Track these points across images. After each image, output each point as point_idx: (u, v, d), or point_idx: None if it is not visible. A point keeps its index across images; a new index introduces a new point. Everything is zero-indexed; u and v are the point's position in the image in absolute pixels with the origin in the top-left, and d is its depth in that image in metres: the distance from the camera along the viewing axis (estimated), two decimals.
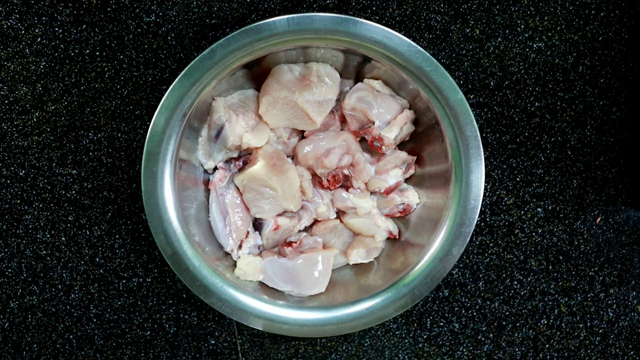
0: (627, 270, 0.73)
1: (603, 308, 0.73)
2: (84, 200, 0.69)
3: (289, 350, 0.72)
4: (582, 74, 0.70)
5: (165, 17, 0.66)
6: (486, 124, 0.70)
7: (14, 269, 0.69)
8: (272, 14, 0.67)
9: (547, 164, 0.71)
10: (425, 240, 0.63)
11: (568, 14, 0.69)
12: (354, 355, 0.72)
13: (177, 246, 0.60)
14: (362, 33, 0.58)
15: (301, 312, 0.63)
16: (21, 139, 0.67)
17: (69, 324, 0.71)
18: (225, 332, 0.71)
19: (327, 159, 0.64)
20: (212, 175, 0.66)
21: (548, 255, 0.72)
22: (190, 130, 0.62)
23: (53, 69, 0.67)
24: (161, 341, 0.71)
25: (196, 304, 0.71)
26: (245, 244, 0.66)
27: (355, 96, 0.64)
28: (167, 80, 0.67)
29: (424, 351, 0.73)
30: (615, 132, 0.71)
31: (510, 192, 0.71)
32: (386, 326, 0.72)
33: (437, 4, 0.67)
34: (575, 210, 0.71)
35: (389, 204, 0.67)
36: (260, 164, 0.63)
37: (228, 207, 0.65)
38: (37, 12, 0.66)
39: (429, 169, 0.66)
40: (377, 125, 0.64)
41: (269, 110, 0.63)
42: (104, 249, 0.69)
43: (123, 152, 0.68)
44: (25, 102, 0.67)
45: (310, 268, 0.65)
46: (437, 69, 0.59)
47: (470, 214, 0.61)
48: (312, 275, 0.65)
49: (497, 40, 0.68)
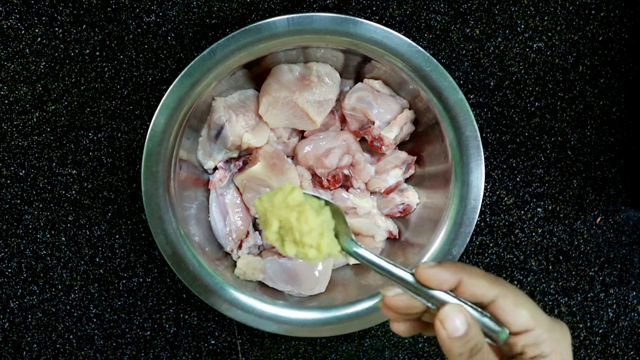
0: (627, 270, 0.73)
1: (603, 308, 0.73)
2: (84, 200, 0.69)
3: (289, 350, 0.72)
4: (582, 74, 0.70)
5: (165, 17, 0.66)
6: (486, 124, 0.70)
7: (14, 269, 0.69)
8: (272, 14, 0.67)
9: (547, 164, 0.71)
10: (425, 240, 0.63)
11: (568, 14, 0.69)
12: (354, 355, 0.72)
13: (177, 246, 0.60)
14: (362, 33, 0.58)
15: (301, 312, 0.63)
16: (21, 139, 0.67)
17: (69, 324, 0.71)
18: (225, 332, 0.71)
19: (327, 159, 0.64)
20: (212, 175, 0.66)
21: (548, 255, 0.72)
22: (190, 130, 0.62)
23: (53, 69, 0.67)
24: (161, 341, 0.71)
25: (196, 304, 0.71)
26: (245, 244, 0.66)
27: (355, 96, 0.64)
28: (167, 80, 0.67)
29: (424, 351, 0.73)
30: (615, 132, 0.71)
31: (510, 192, 0.71)
32: (386, 326, 0.72)
33: (437, 4, 0.67)
34: (575, 210, 0.71)
35: (389, 204, 0.67)
36: (260, 164, 0.63)
37: (228, 207, 0.65)
38: (37, 12, 0.66)
39: (429, 169, 0.66)
40: (377, 125, 0.64)
41: (269, 110, 0.63)
42: (104, 249, 0.69)
43: (123, 152, 0.68)
44: (25, 102, 0.67)
45: (310, 268, 0.65)
46: (437, 68, 0.59)
47: (470, 214, 0.61)
48: (312, 276, 0.65)
49: (497, 40, 0.68)
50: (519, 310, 0.41)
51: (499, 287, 0.41)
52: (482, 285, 0.41)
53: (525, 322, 0.41)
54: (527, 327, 0.41)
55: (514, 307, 0.41)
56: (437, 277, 0.41)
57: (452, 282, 0.41)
